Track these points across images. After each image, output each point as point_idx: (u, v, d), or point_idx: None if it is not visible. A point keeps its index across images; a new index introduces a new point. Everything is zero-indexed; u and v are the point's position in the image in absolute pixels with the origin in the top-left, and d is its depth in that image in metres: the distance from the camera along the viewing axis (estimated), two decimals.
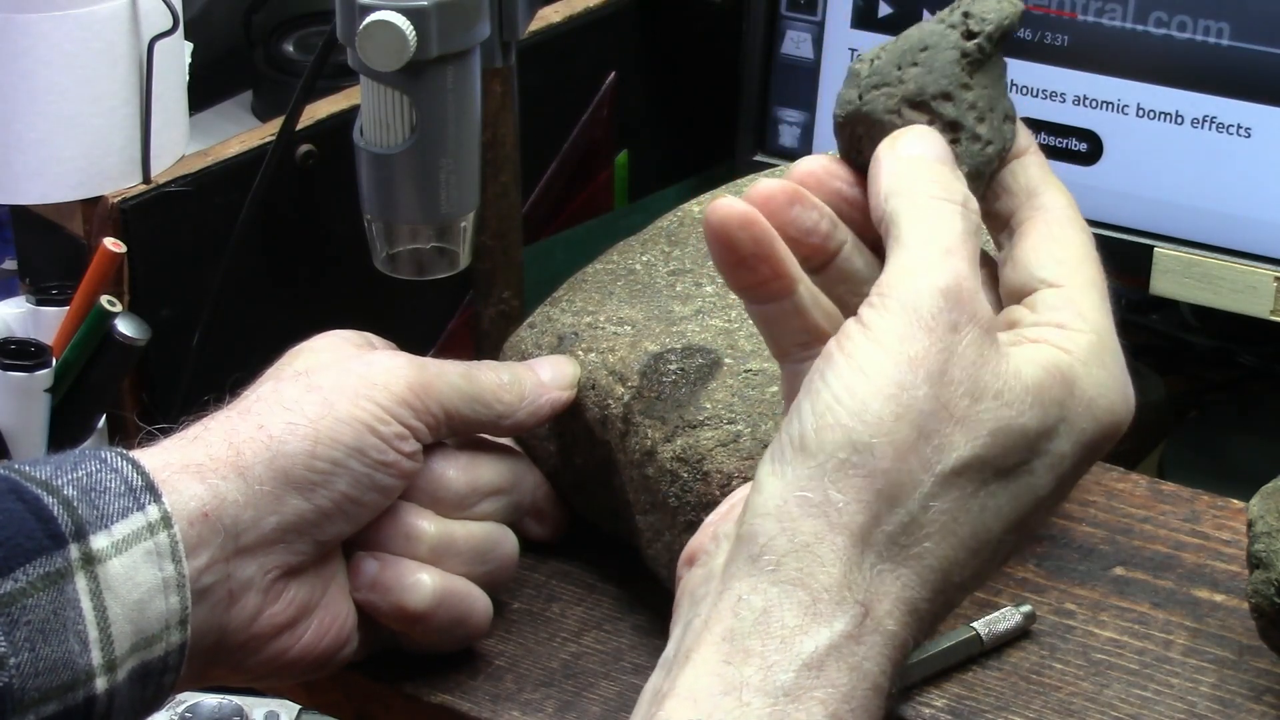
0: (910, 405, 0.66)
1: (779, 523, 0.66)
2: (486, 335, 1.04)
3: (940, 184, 0.70)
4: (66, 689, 0.73)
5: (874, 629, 0.65)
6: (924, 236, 0.68)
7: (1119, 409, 0.70)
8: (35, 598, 0.72)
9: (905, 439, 0.66)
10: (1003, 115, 0.74)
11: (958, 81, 0.73)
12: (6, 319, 1.06)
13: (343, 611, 0.84)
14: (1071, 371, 0.68)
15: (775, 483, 0.67)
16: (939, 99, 0.73)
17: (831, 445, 0.66)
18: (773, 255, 0.71)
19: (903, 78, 0.73)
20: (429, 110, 0.91)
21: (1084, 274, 0.71)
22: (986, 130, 0.73)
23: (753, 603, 0.65)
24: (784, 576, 0.65)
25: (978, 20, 0.74)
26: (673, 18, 1.26)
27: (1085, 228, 0.73)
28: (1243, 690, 0.86)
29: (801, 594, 0.65)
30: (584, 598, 0.91)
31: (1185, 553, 0.94)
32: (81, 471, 0.75)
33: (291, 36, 1.45)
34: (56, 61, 1.03)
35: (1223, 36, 1.07)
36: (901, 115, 0.73)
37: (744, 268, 0.71)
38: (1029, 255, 0.72)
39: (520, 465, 0.90)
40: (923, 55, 0.73)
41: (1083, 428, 0.69)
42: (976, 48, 0.74)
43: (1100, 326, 0.70)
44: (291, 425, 0.80)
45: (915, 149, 0.71)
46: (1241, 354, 1.28)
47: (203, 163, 1.06)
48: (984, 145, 0.73)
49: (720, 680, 0.65)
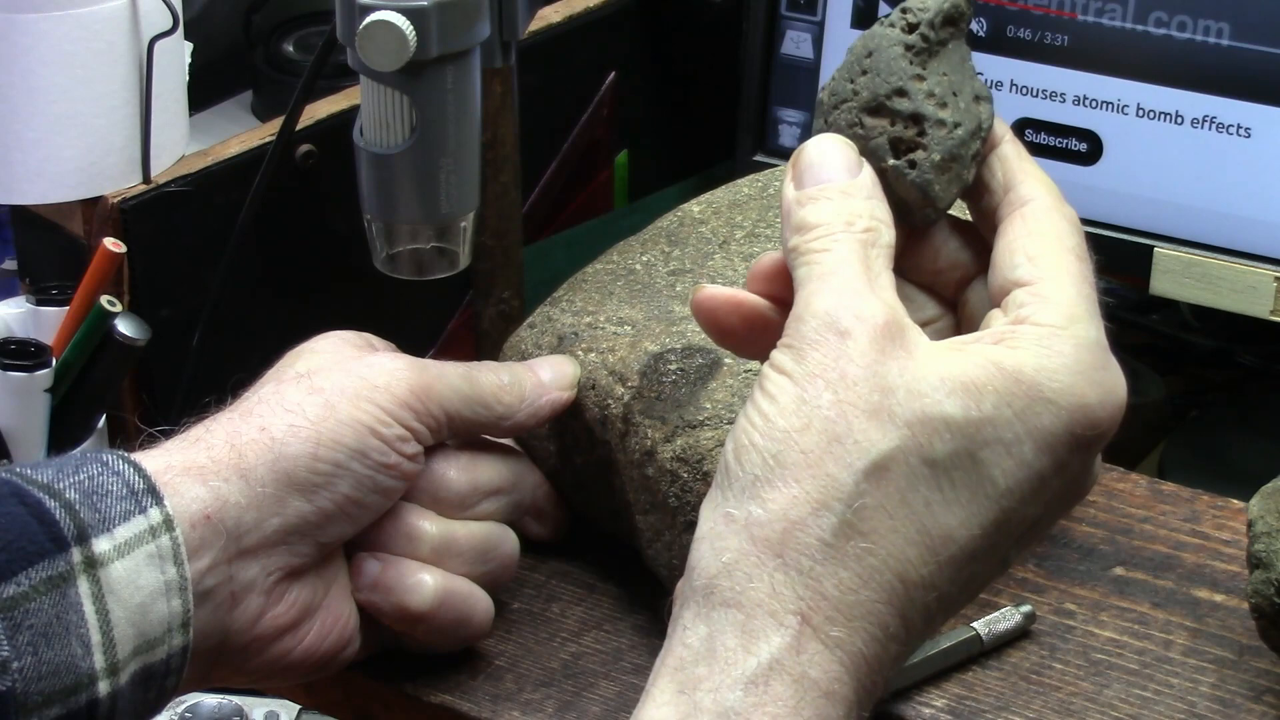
0: (813, 414, 0.67)
1: (710, 544, 0.68)
2: (486, 335, 1.04)
3: (825, 215, 0.71)
4: (69, 693, 0.73)
5: (814, 636, 0.66)
6: (808, 275, 0.70)
7: (1088, 395, 0.69)
8: (38, 601, 0.72)
9: (814, 444, 0.67)
10: (971, 96, 0.74)
11: (908, 75, 0.73)
12: (6, 319, 1.06)
13: (345, 612, 0.84)
14: (1015, 362, 0.68)
15: (708, 510, 0.69)
16: (893, 97, 0.73)
17: (749, 465, 0.68)
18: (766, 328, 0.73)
19: (856, 89, 0.74)
20: (429, 110, 0.91)
21: (1057, 265, 0.71)
22: (951, 114, 0.73)
23: (698, 630, 0.67)
24: (719, 599, 0.67)
25: (915, 11, 0.74)
26: (673, 18, 1.26)
27: (1066, 214, 0.73)
28: (1243, 690, 0.86)
29: (737, 614, 0.66)
30: (584, 598, 0.91)
31: (1185, 553, 0.94)
32: (83, 474, 0.75)
33: (291, 36, 1.45)
34: (56, 61, 1.03)
35: (1223, 36, 1.07)
36: (863, 125, 0.73)
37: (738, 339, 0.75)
38: (1002, 256, 0.72)
39: (521, 465, 0.91)
40: (869, 61, 0.74)
41: (1038, 414, 0.68)
42: (920, 37, 0.74)
43: (1067, 315, 0.70)
44: (293, 427, 0.80)
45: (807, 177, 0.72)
46: (1241, 354, 1.28)
47: (203, 163, 1.06)
48: (951, 129, 0.73)
49: (675, 710, 0.66)
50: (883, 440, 0.67)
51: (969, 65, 0.75)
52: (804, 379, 0.68)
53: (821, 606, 0.66)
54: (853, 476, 0.67)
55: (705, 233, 0.96)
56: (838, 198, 0.71)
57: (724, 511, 0.68)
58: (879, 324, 0.68)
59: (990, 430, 0.68)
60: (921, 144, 0.73)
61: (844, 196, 0.72)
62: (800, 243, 0.71)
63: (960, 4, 0.75)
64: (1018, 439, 0.68)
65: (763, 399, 0.68)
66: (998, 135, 0.75)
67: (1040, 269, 0.71)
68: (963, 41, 0.75)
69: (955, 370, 0.68)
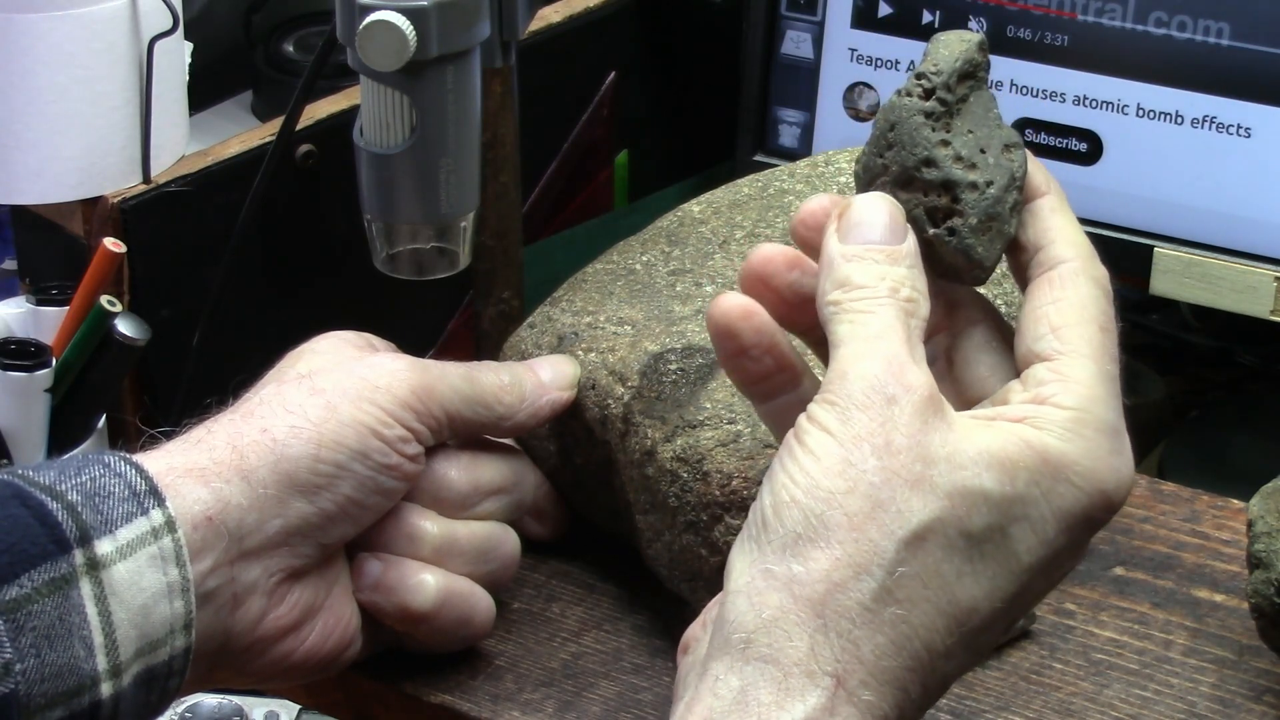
0: (859, 479, 0.67)
1: (748, 599, 0.67)
2: (486, 335, 1.04)
3: (870, 277, 0.71)
4: (72, 694, 0.73)
5: (847, 700, 0.66)
6: (851, 334, 0.70)
7: (1107, 481, 0.70)
8: (40, 603, 0.72)
9: (859, 509, 0.67)
10: (1000, 146, 0.73)
11: (933, 143, 0.72)
12: (6, 319, 1.06)
13: (346, 613, 0.84)
14: (1042, 443, 0.69)
15: (742, 562, 0.68)
16: (921, 168, 0.72)
17: (789, 521, 0.67)
18: (775, 346, 0.74)
19: (886, 163, 0.73)
20: (429, 110, 0.91)
21: (1080, 340, 0.71)
22: (982, 174, 0.72)
23: (730, 682, 0.67)
24: (756, 654, 0.67)
25: (928, 76, 0.73)
26: (673, 18, 1.26)
27: (1096, 277, 0.73)
28: (1243, 690, 0.86)
29: (774, 670, 0.66)
30: (584, 598, 0.91)
31: (1185, 553, 0.94)
32: (85, 476, 0.75)
33: (291, 36, 1.45)
34: (56, 61, 1.03)
35: (1223, 36, 1.07)
36: (900, 198, 0.72)
37: (747, 358, 0.74)
38: (1026, 325, 0.72)
39: (521, 464, 0.91)
40: (893, 135, 0.73)
41: (1062, 495, 0.69)
42: (938, 102, 0.73)
43: (1088, 397, 0.70)
44: (295, 428, 0.80)
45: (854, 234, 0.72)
46: (1241, 354, 1.28)
47: (203, 163, 1.06)
48: (984, 189, 0.72)
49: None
50: (924, 510, 0.67)
51: (994, 113, 0.74)
52: (850, 442, 0.68)
53: (856, 670, 0.66)
54: (894, 544, 0.67)
55: (705, 233, 0.96)
56: (884, 261, 0.71)
57: (763, 567, 0.67)
58: (923, 395, 0.68)
59: (1020, 508, 0.68)
60: (958, 210, 0.72)
61: (890, 262, 0.71)
62: (844, 299, 0.71)
63: (974, 56, 0.74)
64: (1043, 518, 0.69)
65: (804, 455, 0.68)
66: (1038, 186, 0.74)
67: (1063, 343, 0.71)
68: (984, 88, 0.74)
69: (992, 446, 0.68)
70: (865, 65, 1.17)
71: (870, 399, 0.68)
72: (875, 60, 1.17)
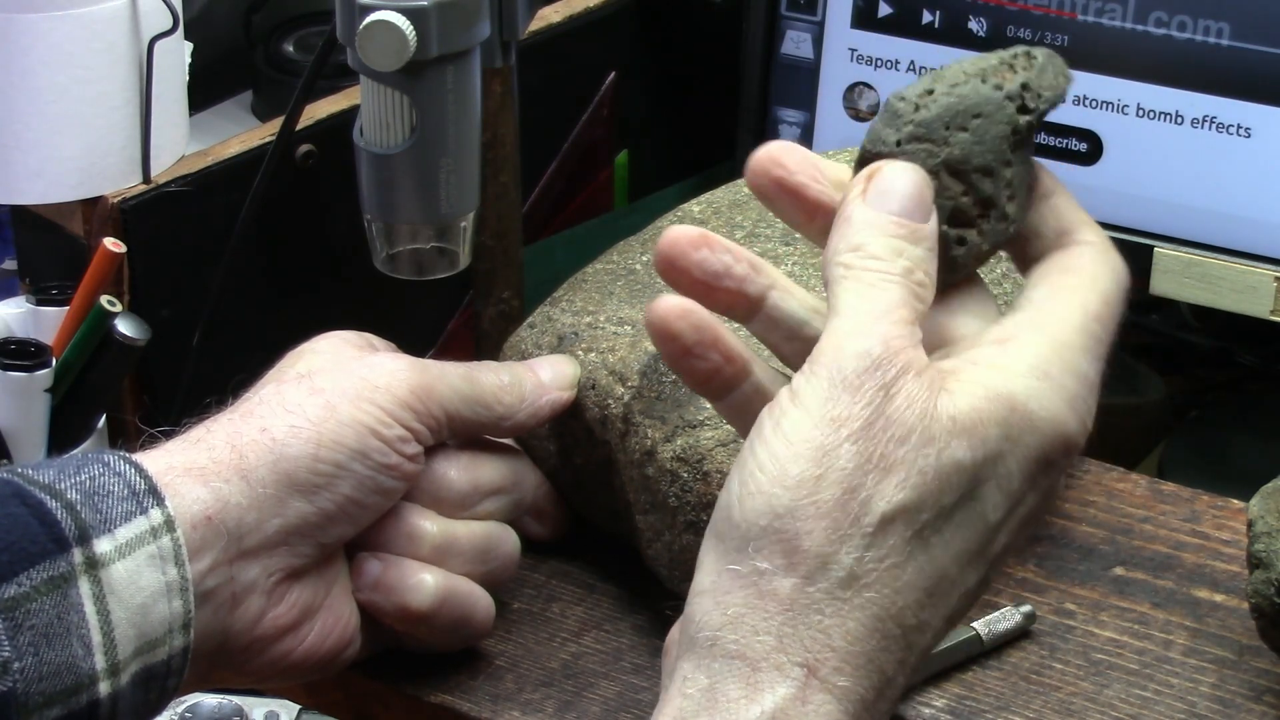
0: (832, 465, 0.66)
1: (712, 598, 0.67)
2: (486, 335, 1.04)
3: (888, 250, 0.69)
4: (70, 693, 0.73)
5: (820, 687, 0.65)
6: (855, 306, 0.68)
7: (1068, 424, 0.69)
8: (39, 602, 0.72)
9: (828, 498, 0.66)
10: (1026, 190, 0.72)
11: (1002, 158, 0.70)
12: (6, 319, 1.06)
13: (346, 613, 0.84)
14: (1008, 388, 0.68)
15: (709, 558, 0.68)
16: (980, 173, 0.70)
17: (754, 513, 0.66)
18: (718, 340, 0.72)
19: (949, 139, 0.70)
20: (429, 110, 0.91)
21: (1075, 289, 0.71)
22: (1015, 209, 0.71)
23: (698, 680, 0.66)
24: (723, 650, 0.66)
25: (1034, 95, 0.71)
26: (673, 18, 1.26)
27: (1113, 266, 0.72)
28: (1243, 690, 0.86)
29: (741, 665, 0.66)
30: (584, 598, 0.91)
31: (1185, 553, 0.94)
32: (84, 475, 0.75)
33: (291, 36, 1.45)
34: (56, 61, 1.03)
35: (1223, 36, 1.07)
36: (940, 179, 0.70)
37: (693, 356, 0.72)
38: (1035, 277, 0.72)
39: (521, 464, 0.91)
40: (975, 123, 0.70)
41: (1028, 443, 0.68)
42: (1028, 125, 0.71)
43: (1055, 336, 0.69)
44: (294, 428, 0.80)
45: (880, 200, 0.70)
46: (1241, 354, 1.28)
47: (203, 163, 1.06)
48: (1009, 225, 0.71)
49: None
50: (895, 492, 0.66)
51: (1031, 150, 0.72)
52: (828, 424, 0.66)
53: (829, 658, 0.66)
54: (864, 530, 0.66)
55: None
56: (906, 238, 0.69)
57: (728, 566, 0.66)
58: (918, 372, 0.67)
59: (989, 468, 0.68)
60: (979, 227, 0.71)
61: (912, 240, 0.69)
62: (856, 263, 0.69)
63: (1063, 97, 0.72)
64: (1009, 473, 0.68)
65: (775, 439, 0.67)
66: (1048, 187, 0.73)
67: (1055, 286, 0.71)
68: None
69: (961, 408, 0.67)
70: (865, 65, 1.17)
71: (863, 381, 0.67)
72: (875, 60, 1.17)
